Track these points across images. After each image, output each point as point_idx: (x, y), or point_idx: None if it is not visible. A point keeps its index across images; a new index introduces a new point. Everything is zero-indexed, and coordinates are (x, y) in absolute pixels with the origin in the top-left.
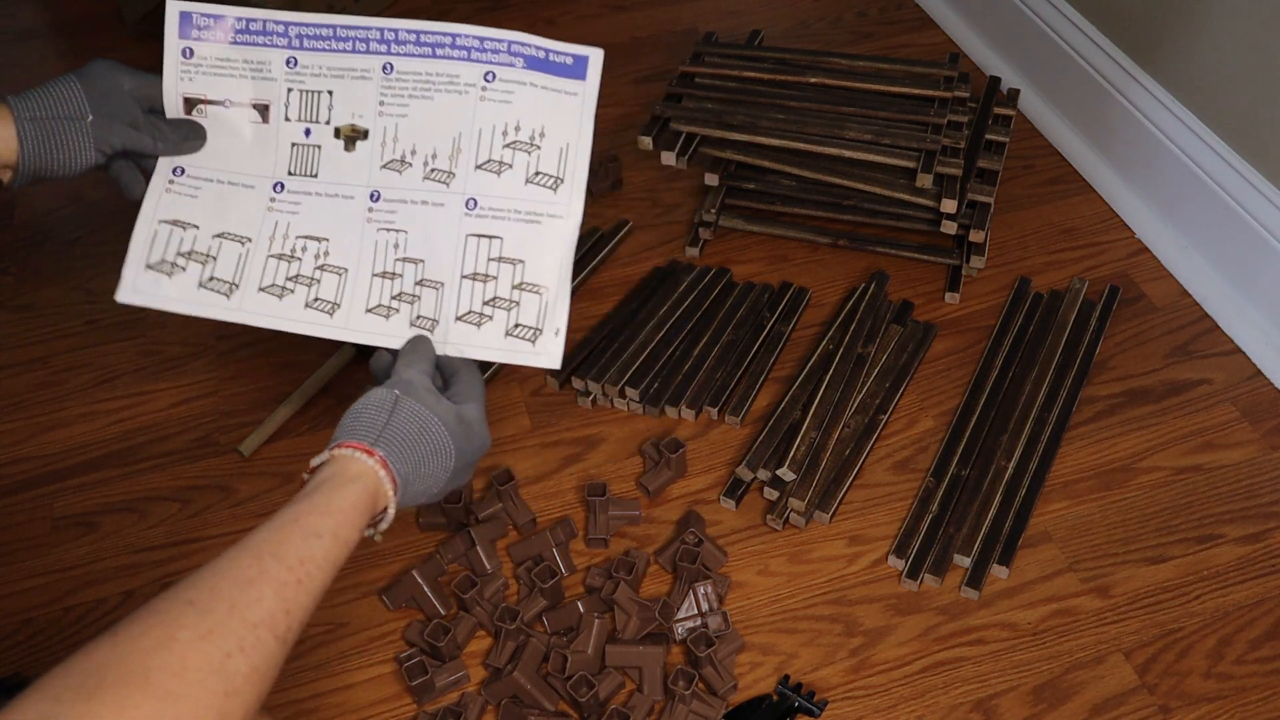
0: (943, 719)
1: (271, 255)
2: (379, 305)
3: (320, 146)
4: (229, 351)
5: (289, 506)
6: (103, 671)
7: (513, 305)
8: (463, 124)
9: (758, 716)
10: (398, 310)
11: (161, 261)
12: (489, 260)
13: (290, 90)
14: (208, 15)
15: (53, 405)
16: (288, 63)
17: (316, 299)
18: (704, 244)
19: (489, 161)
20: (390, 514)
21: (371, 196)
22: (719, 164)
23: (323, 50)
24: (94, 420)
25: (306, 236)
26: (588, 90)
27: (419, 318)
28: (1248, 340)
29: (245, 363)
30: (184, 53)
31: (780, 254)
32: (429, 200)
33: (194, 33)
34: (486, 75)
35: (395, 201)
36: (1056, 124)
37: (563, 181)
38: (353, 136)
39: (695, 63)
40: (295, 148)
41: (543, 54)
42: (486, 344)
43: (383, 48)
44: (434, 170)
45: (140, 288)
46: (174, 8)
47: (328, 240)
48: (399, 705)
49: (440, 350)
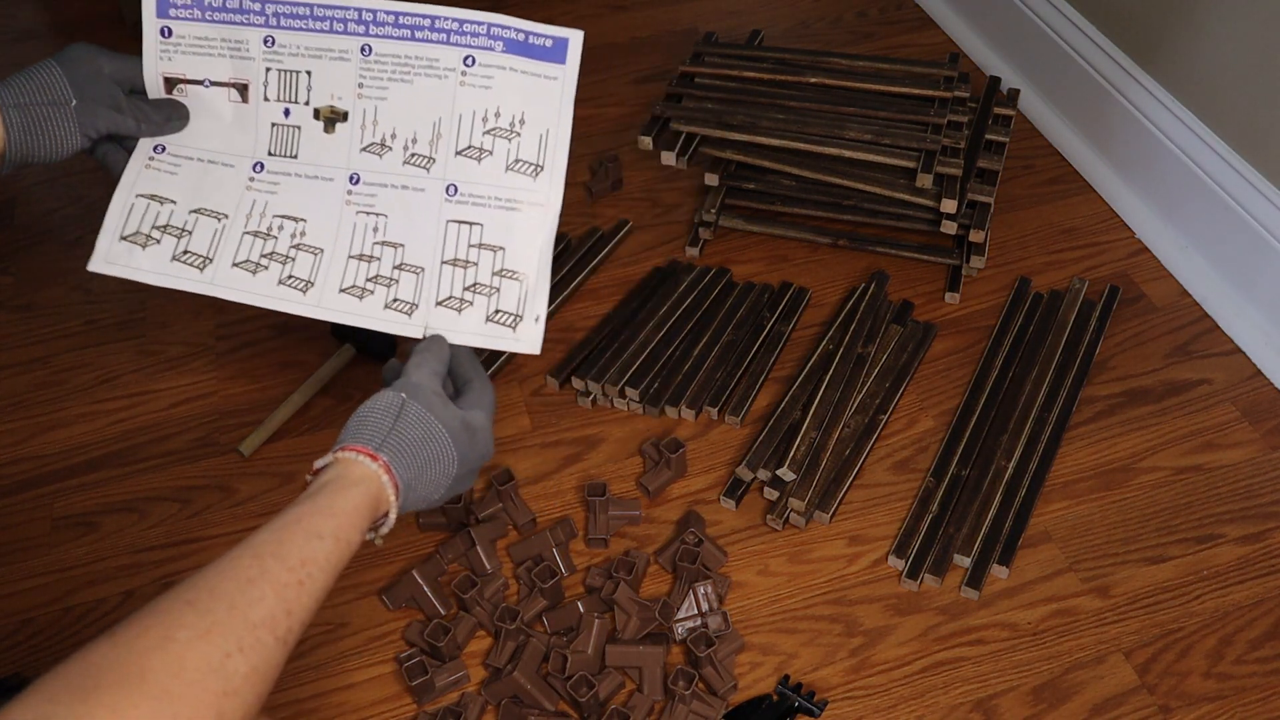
0: (943, 719)
1: (247, 232)
2: (353, 286)
3: (300, 127)
4: (229, 351)
5: (291, 508)
6: (100, 672)
7: (493, 291)
8: (442, 109)
9: (758, 716)
10: (373, 292)
11: (136, 233)
12: (469, 246)
13: (269, 70)
14: None
15: (53, 405)
16: (265, 42)
17: (290, 276)
18: (704, 244)
19: (469, 148)
20: (392, 519)
21: (351, 179)
22: (719, 164)
23: (300, 30)
24: (94, 420)
25: (284, 216)
26: (567, 74)
27: (395, 300)
28: (1248, 340)
29: (245, 363)
30: (162, 32)
31: (780, 254)
32: (409, 185)
33: (171, 11)
34: (466, 59)
35: (375, 185)
36: (1056, 124)
37: (542, 169)
38: (332, 118)
39: (695, 63)
40: (275, 128)
41: (522, 36)
42: (467, 329)
43: (361, 29)
44: (414, 155)
45: (113, 258)
46: None
47: (305, 220)
48: (399, 705)
49: (420, 334)
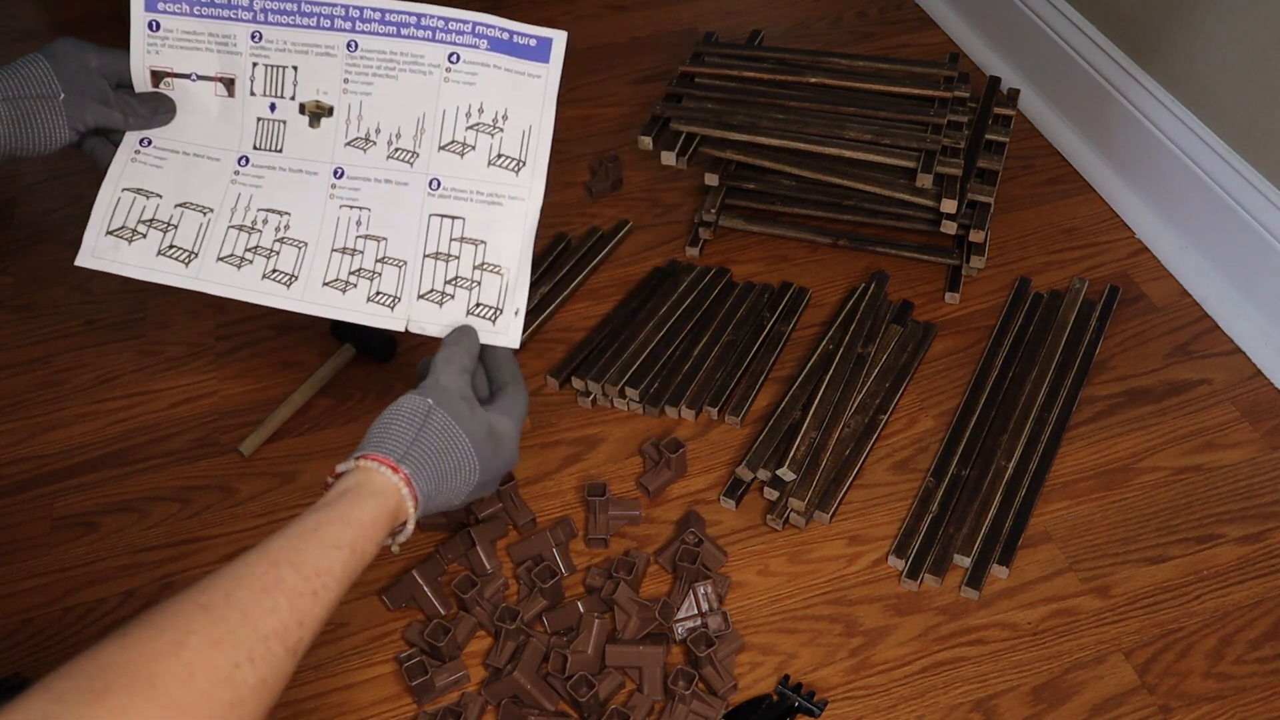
0: (943, 719)
1: (232, 226)
2: (336, 279)
3: (285, 122)
4: (229, 351)
5: (310, 513)
6: (109, 674)
7: (474, 285)
8: (426, 104)
9: (758, 716)
10: (355, 285)
11: (122, 228)
12: (451, 240)
13: (255, 65)
14: None
15: (53, 405)
16: (252, 37)
17: (274, 270)
18: (704, 244)
19: (452, 143)
20: (409, 528)
21: (335, 173)
22: (719, 164)
23: (287, 25)
24: (94, 420)
25: (268, 210)
26: (550, 73)
27: (378, 294)
28: (1248, 340)
29: (245, 363)
30: (150, 25)
31: (780, 254)
32: (392, 179)
33: (160, 5)
34: (451, 56)
35: (359, 179)
36: (1056, 124)
37: (524, 164)
38: (317, 113)
39: (695, 63)
40: (261, 122)
41: (506, 35)
42: (448, 322)
43: (347, 25)
44: (398, 150)
45: (99, 253)
46: None
47: (289, 214)
48: (399, 705)
49: (402, 327)
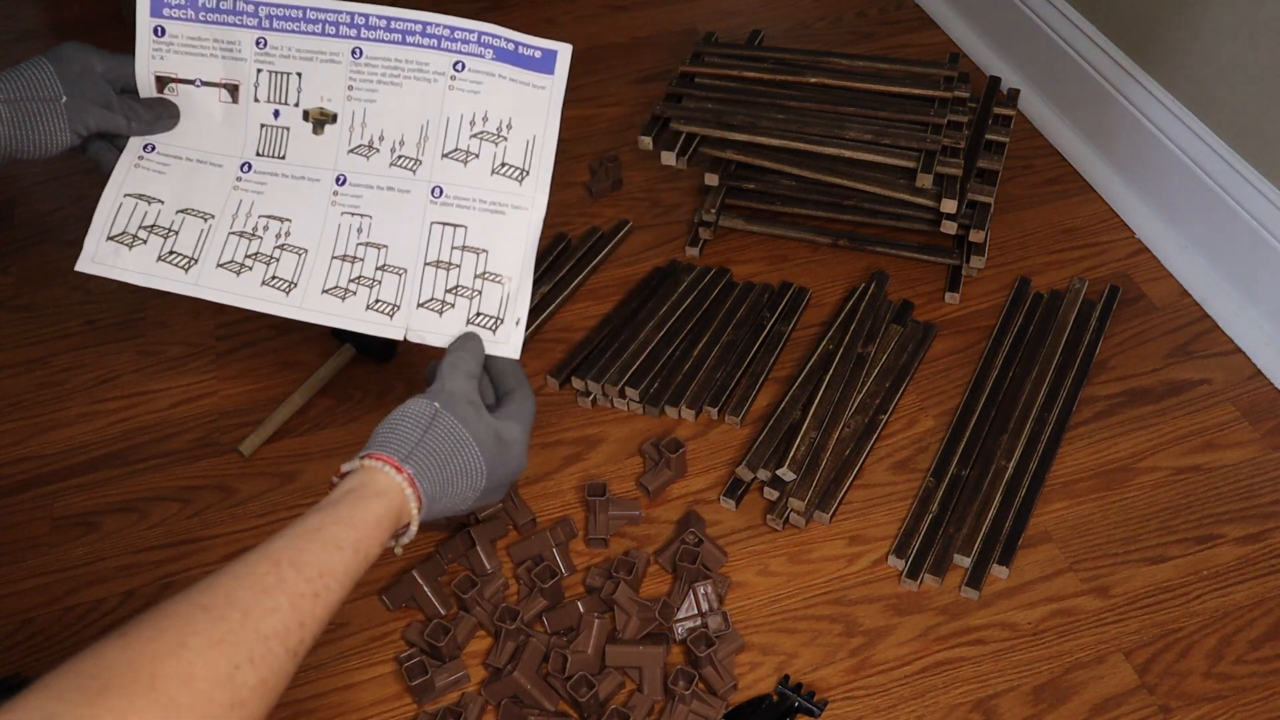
0: (943, 719)
1: (232, 232)
2: (335, 287)
3: (289, 128)
4: (229, 351)
5: (312, 514)
6: (109, 674)
7: (475, 294)
8: (431, 112)
9: (758, 716)
10: (354, 293)
11: (123, 234)
12: (453, 248)
13: (260, 71)
14: None
15: (53, 405)
16: (257, 43)
17: (274, 277)
18: (704, 244)
19: (456, 150)
20: (413, 530)
21: (337, 180)
22: (719, 164)
23: (292, 32)
24: (94, 420)
25: (269, 216)
26: (555, 84)
27: (377, 301)
28: (1248, 340)
29: (245, 363)
30: (155, 31)
31: (780, 254)
32: (395, 186)
33: (165, 11)
34: (456, 65)
35: (361, 186)
36: (1056, 124)
37: (528, 174)
38: (321, 120)
39: (695, 63)
40: (264, 129)
41: (512, 46)
42: (448, 331)
43: (353, 32)
44: (401, 157)
45: (100, 258)
46: None
47: (290, 221)
48: (399, 705)
49: (401, 335)
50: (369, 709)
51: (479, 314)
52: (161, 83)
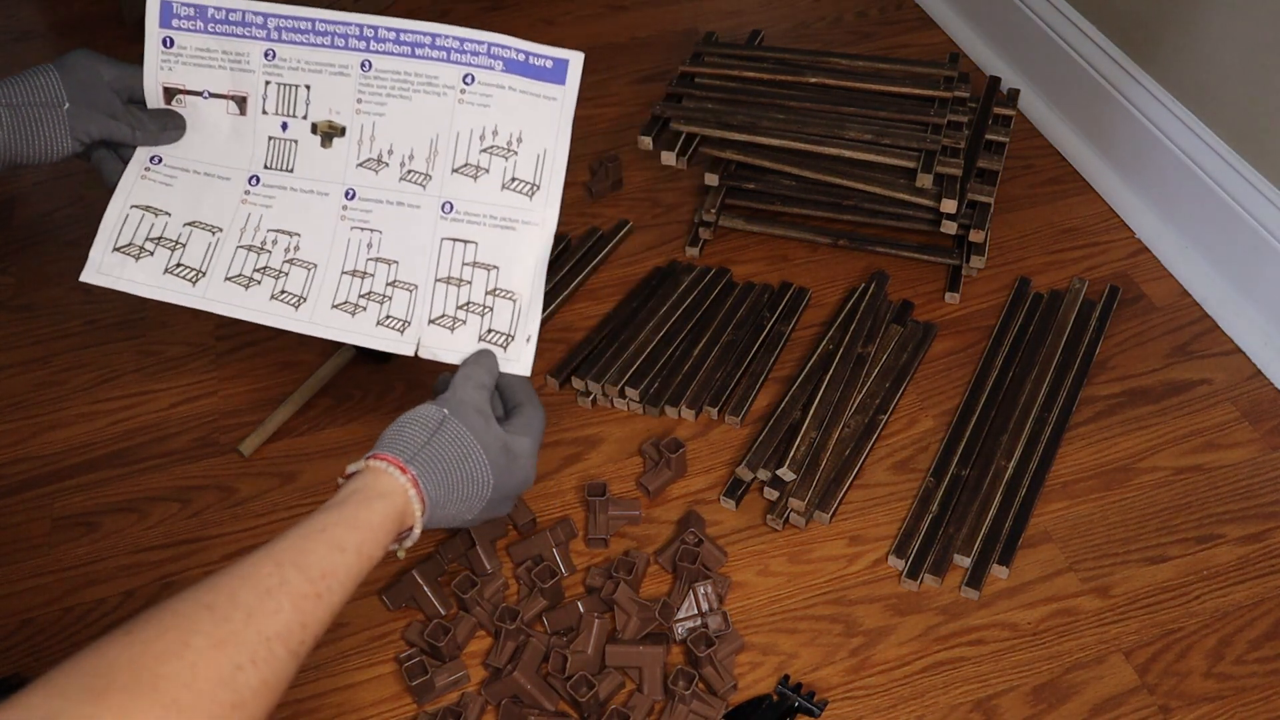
0: (943, 719)
1: (241, 246)
2: (345, 302)
3: (297, 141)
4: (229, 351)
5: (317, 514)
6: (112, 672)
7: (486, 311)
8: (440, 126)
9: (758, 716)
10: (364, 308)
11: (129, 245)
12: (463, 265)
13: (268, 83)
14: (188, 4)
15: (53, 405)
16: (266, 55)
17: (283, 291)
18: (704, 244)
19: (466, 165)
20: (416, 533)
21: (347, 194)
22: (719, 164)
23: (301, 44)
24: (94, 420)
25: (278, 230)
26: (567, 95)
27: (387, 317)
28: (1248, 340)
29: (245, 363)
30: (164, 42)
31: (780, 254)
32: (405, 201)
33: (174, 22)
34: (465, 78)
35: (370, 201)
36: (1056, 124)
37: (539, 189)
38: (329, 133)
39: (695, 63)
40: (272, 141)
41: (522, 57)
42: (459, 348)
43: (361, 44)
44: (410, 171)
45: (106, 269)
46: None
47: (299, 235)
48: (399, 705)
49: (412, 351)
50: (369, 709)
51: (490, 330)
52: (170, 94)
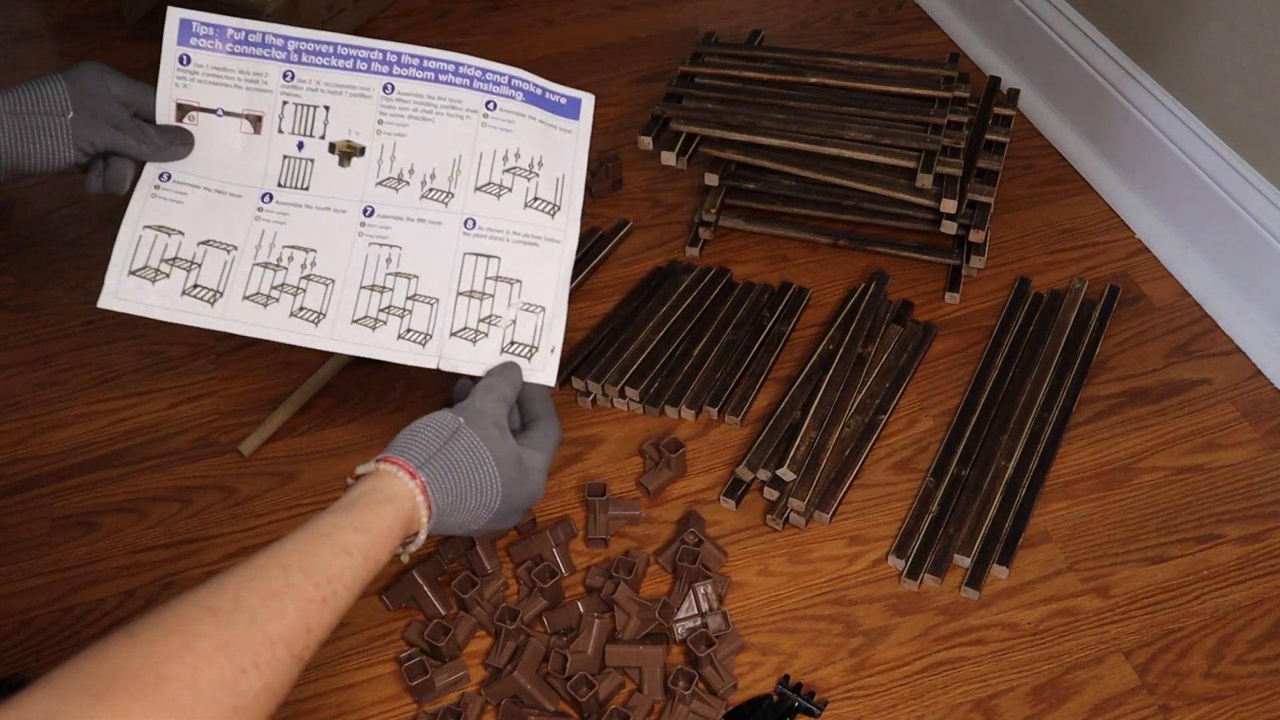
0: (943, 719)
1: (257, 264)
2: (365, 317)
3: (313, 160)
4: (229, 351)
5: (325, 516)
6: (114, 674)
7: (510, 324)
8: (464, 146)
9: (758, 716)
10: (385, 323)
11: (145, 267)
12: (486, 279)
13: (285, 103)
14: (208, 24)
15: (53, 405)
16: (285, 76)
17: (302, 308)
18: (704, 244)
19: (489, 184)
20: (421, 538)
21: (365, 211)
22: (719, 164)
23: (321, 66)
24: (94, 420)
25: (293, 246)
26: (581, 129)
27: (409, 331)
28: (1248, 340)
29: (245, 363)
30: (181, 59)
31: (780, 254)
32: (425, 218)
33: (193, 40)
34: (488, 103)
35: (389, 218)
36: (1056, 124)
37: (560, 209)
38: (348, 153)
39: (695, 63)
40: (287, 160)
41: (540, 91)
42: (481, 360)
43: (384, 69)
44: (432, 190)
45: (123, 294)
46: (175, 15)
47: (315, 251)
48: (399, 705)
49: (434, 364)
50: (369, 709)
51: (513, 342)
52: (182, 110)
